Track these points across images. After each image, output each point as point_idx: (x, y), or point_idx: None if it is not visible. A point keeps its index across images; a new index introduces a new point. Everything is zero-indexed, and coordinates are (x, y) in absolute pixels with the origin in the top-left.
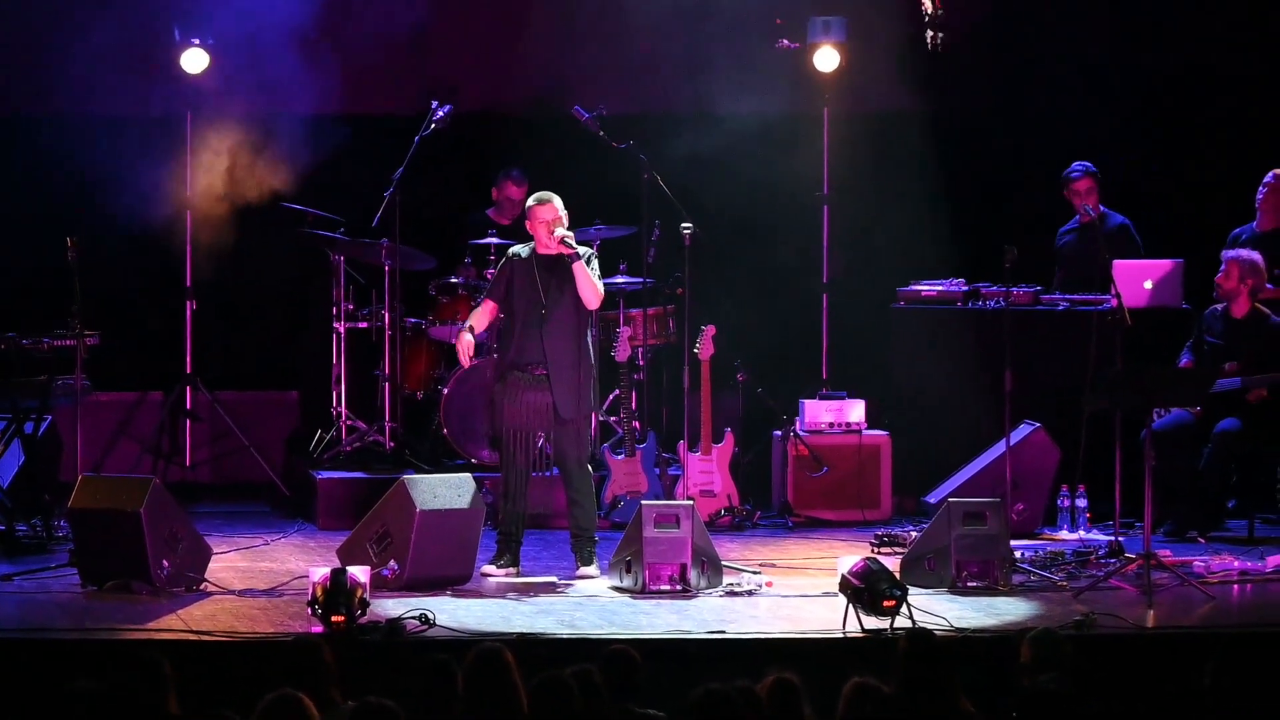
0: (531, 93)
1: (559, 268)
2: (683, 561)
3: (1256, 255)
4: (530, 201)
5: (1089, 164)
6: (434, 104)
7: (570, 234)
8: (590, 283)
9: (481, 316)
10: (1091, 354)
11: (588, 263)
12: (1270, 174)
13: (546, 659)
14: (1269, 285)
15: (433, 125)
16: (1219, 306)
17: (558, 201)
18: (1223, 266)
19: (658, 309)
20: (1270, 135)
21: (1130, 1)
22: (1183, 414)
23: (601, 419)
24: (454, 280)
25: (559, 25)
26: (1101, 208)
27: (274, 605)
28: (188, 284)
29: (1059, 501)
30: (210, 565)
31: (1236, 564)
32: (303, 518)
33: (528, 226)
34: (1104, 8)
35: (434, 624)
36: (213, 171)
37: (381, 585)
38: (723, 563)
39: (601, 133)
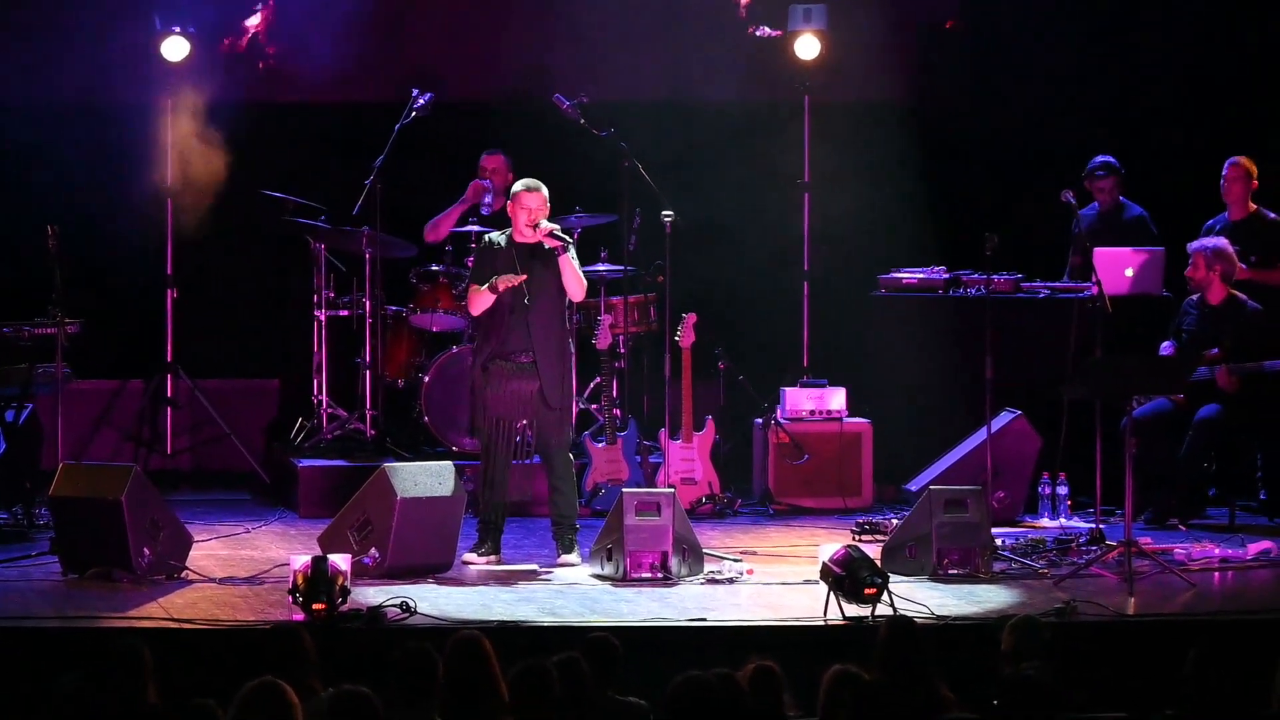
0: (512, 80)
1: (539, 253)
2: (664, 549)
3: (1221, 241)
4: (516, 186)
5: (1111, 159)
6: (415, 92)
7: (556, 226)
8: (576, 274)
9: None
10: (1072, 342)
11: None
12: (1227, 164)
13: (527, 647)
14: (1244, 267)
15: (413, 113)
16: (1195, 296)
17: (544, 191)
18: (1190, 259)
19: (639, 297)
20: (1248, 125)
21: None
22: (1163, 402)
23: (582, 407)
24: (435, 268)
25: (539, 12)
26: (1121, 198)
27: (255, 593)
28: (168, 272)
29: (1040, 489)
30: (191, 553)
31: (1217, 551)
32: (284, 506)
33: (509, 209)
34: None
35: (415, 612)
36: (193, 159)
37: (362, 573)
38: (704, 550)
39: (582, 120)
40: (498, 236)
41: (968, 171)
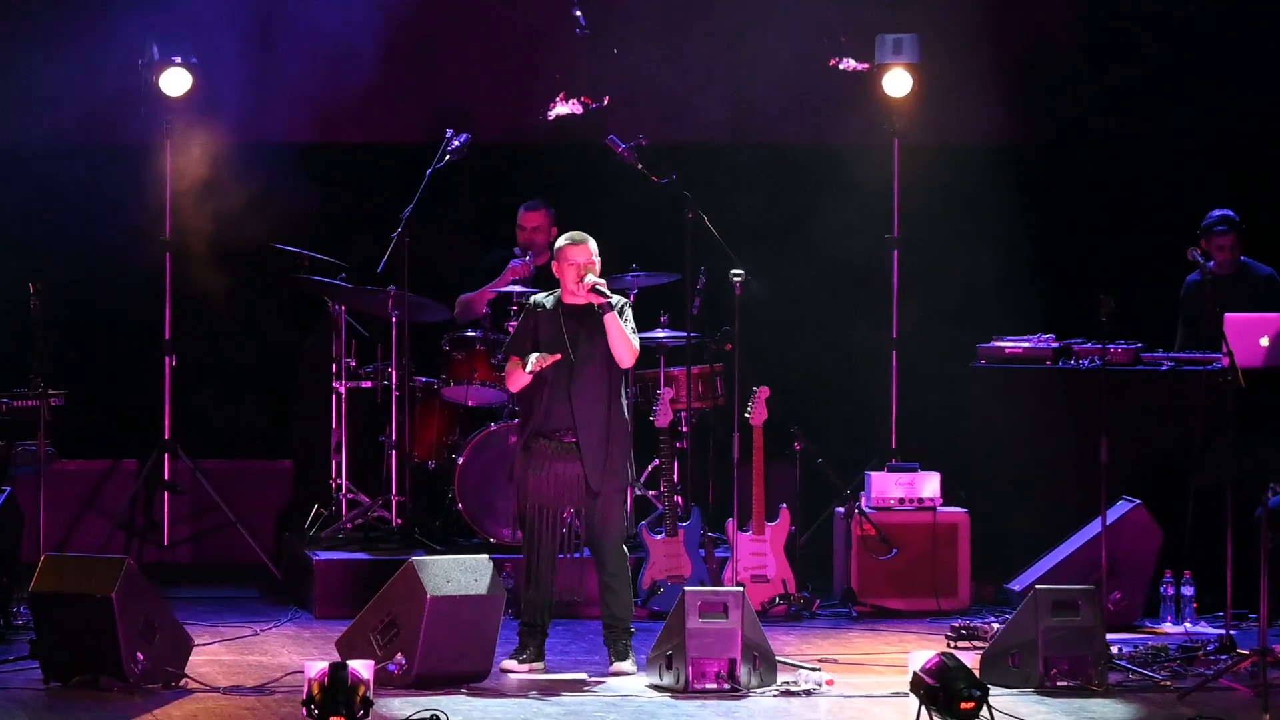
0: (558, 120)
1: (589, 319)
2: (731, 656)
3: None
4: (561, 241)
5: (1230, 213)
6: (449, 132)
7: (601, 281)
8: (624, 337)
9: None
10: (1199, 421)
11: (620, 313)
12: None
13: None
14: None
15: (447, 156)
16: None
17: (592, 244)
18: None
19: (704, 368)
20: None
21: (1231, 25)
22: None
23: (639, 493)
24: (470, 334)
25: (590, 42)
26: (1243, 257)
27: (264, 705)
28: (166, 336)
29: (1162, 589)
30: (191, 658)
31: None
32: (297, 604)
33: (555, 270)
34: (1206, 29)
35: None
36: (196, 208)
37: (387, 682)
38: (777, 658)
39: (640, 166)
40: (544, 298)
41: (1079, 224)
